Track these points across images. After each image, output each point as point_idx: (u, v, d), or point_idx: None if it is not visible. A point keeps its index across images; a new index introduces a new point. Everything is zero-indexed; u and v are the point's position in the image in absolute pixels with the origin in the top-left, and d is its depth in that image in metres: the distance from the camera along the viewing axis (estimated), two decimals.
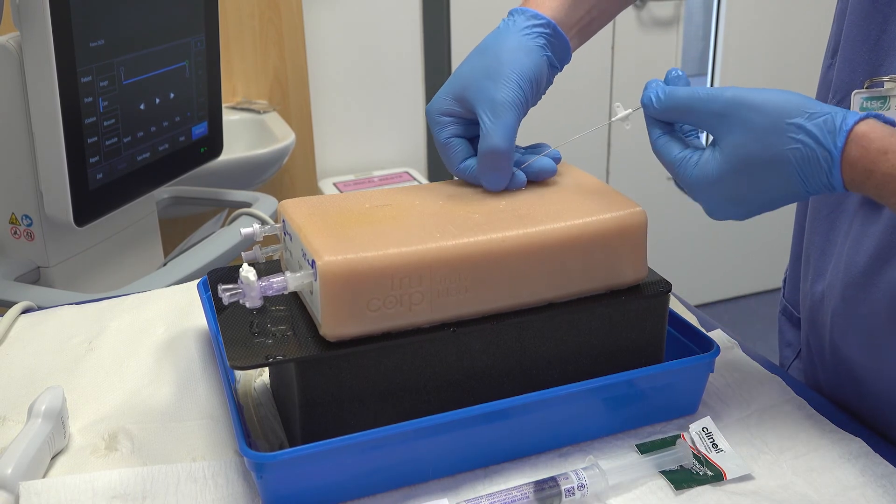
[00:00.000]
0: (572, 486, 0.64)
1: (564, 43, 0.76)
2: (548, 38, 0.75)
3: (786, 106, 0.61)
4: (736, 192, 0.64)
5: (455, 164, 0.75)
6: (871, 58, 0.71)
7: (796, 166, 0.61)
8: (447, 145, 0.75)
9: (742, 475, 0.67)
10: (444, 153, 0.76)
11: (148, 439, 0.71)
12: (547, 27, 0.75)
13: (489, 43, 0.75)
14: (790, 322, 0.93)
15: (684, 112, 0.66)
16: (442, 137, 0.75)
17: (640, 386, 0.71)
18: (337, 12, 2.21)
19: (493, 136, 0.71)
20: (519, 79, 0.72)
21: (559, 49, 0.76)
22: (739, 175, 0.63)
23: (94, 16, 1.13)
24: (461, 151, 0.75)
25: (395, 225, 0.67)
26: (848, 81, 0.73)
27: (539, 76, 0.74)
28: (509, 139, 0.71)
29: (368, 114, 2.35)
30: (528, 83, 0.73)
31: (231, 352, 0.63)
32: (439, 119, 0.75)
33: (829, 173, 0.60)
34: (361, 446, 0.62)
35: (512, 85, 0.72)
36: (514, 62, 0.73)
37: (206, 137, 1.46)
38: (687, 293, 1.14)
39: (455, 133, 0.75)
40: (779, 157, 0.61)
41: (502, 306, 0.67)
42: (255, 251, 0.74)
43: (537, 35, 0.74)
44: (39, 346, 0.87)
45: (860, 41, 0.72)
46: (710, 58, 2.78)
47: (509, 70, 0.72)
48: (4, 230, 1.25)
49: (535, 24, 0.75)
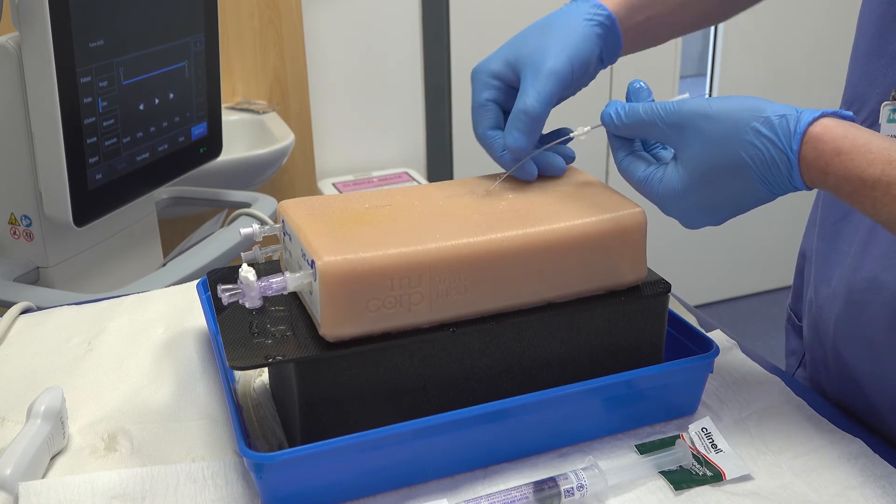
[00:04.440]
0: (572, 487, 0.64)
1: (617, 39, 0.77)
2: (605, 29, 0.76)
3: (741, 112, 0.62)
4: (703, 201, 0.65)
5: (483, 129, 0.76)
6: (890, 71, 0.71)
7: (756, 171, 0.61)
8: (483, 107, 0.75)
9: (741, 475, 0.67)
10: (476, 115, 0.76)
11: (147, 440, 0.71)
12: (607, 19, 0.76)
13: (551, 20, 0.76)
14: (795, 331, 0.93)
15: (644, 128, 0.67)
16: (481, 98, 0.76)
17: (640, 386, 0.71)
18: (336, 12, 2.21)
19: (530, 97, 0.71)
20: (570, 57, 0.73)
21: (611, 44, 0.77)
22: (703, 185, 0.64)
23: (93, 16, 1.13)
24: (492, 117, 0.75)
25: (394, 225, 0.67)
26: (864, 94, 0.74)
27: (589, 62, 0.75)
28: (545, 104, 0.72)
29: (368, 114, 2.35)
30: (580, 64, 0.73)
31: (230, 352, 0.63)
32: (485, 80, 0.76)
33: (789, 176, 0.60)
34: (361, 447, 0.62)
35: (562, 57, 0.72)
36: (569, 40, 0.73)
37: (205, 138, 1.46)
38: (686, 293, 1.14)
39: (494, 97, 0.76)
40: (738, 163, 0.62)
41: (502, 306, 0.67)
42: (254, 251, 0.74)
43: (596, 24, 0.75)
44: (39, 346, 0.87)
45: (878, 55, 0.73)
46: (709, 57, 2.78)
47: (563, 44, 0.73)
48: (4, 230, 1.25)
49: (597, 13, 0.76)
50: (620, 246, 0.69)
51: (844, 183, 0.58)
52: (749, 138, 0.61)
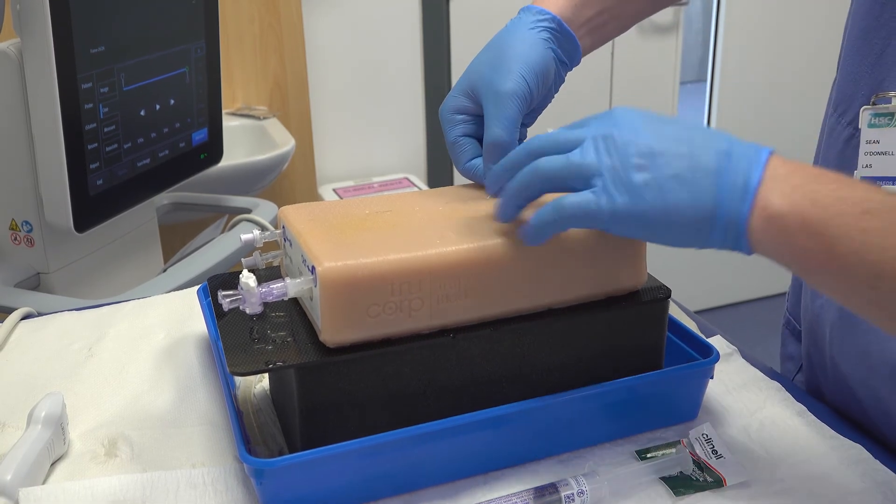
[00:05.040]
0: (572, 493, 0.64)
1: (571, 39, 0.77)
2: (552, 32, 0.76)
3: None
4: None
5: (462, 163, 0.76)
6: (874, 72, 0.71)
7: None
8: (455, 144, 0.76)
9: (742, 481, 0.67)
10: (452, 152, 0.76)
11: (147, 445, 0.71)
12: (552, 22, 0.76)
13: (497, 39, 0.76)
14: (792, 335, 0.93)
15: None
16: (451, 137, 0.76)
17: (640, 392, 0.71)
18: (337, 18, 2.22)
19: (495, 127, 0.71)
20: (521, 69, 0.72)
21: (566, 45, 0.77)
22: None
23: (94, 22, 1.13)
24: (469, 151, 0.76)
25: (394, 231, 0.67)
26: (850, 95, 0.73)
27: (544, 69, 0.74)
28: (511, 130, 0.71)
29: (368, 119, 2.36)
30: (532, 74, 0.73)
31: (231, 358, 0.63)
32: (451, 117, 0.76)
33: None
34: (361, 452, 0.62)
35: (514, 75, 0.72)
36: (517, 54, 0.73)
37: (206, 143, 1.46)
38: (687, 299, 1.14)
39: (464, 132, 0.76)
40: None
41: (502, 312, 0.67)
42: (254, 257, 0.74)
43: (542, 29, 0.75)
44: (39, 352, 0.87)
45: (862, 55, 0.72)
46: (709, 63, 2.79)
47: (513, 61, 0.73)
48: (4, 236, 1.25)
49: (539, 19, 0.76)
50: (620, 251, 0.69)
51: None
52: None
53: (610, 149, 0.58)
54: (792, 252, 0.55)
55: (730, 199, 0.55)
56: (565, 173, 0.60)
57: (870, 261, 0.51)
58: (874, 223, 0.51)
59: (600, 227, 0.59)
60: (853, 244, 0.52)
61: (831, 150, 0.75)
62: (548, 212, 0.60)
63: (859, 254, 0.52)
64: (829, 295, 0.57)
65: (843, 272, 0.53)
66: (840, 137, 0.74)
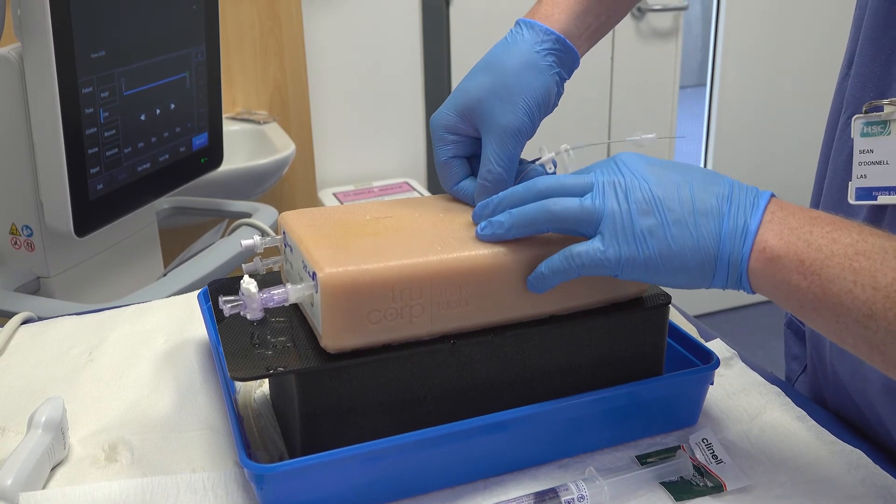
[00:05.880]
0: (572, 498, 0.64)
1: (573, 55, 0.75)
2: (557, 54, 0.73)
3: None
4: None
5: (451, 185, 0.75)
6: (883, 75, 0.70)
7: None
8: (446, 165, 0.75)
9: (742, 486, 0.67)
10: (441, 172, 0.76)
11: (148, 450, 0.71)
12: (557, 43, 0.73)
13: (497, 57, 0.73)
14: (796, 336, 0.92)
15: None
16: (442, 157, 0.75)
17: (641, 398, 0.71)
18: (337, 22, 2.22)
19: (496, 165, 0.71)
20: (527, 105, 0.71)
21: (568, 62, 0.75)
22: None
23: (95, 27, 1.13)
24: (459, 173, 0.75)
25: (395, 237, 0.67)
26: (859, 97, 0.73)
27: (548, 98, 0.73)
28: (511, 169, 0.71)
29: (368, 124, 2.36)
30: (537, 108, 0.72)
31: (231, 363, 0.63)
32: (442, 135, 0.74)
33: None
34: (361, 458, 0.62)
35: (520, 112, 0.71)
36: (523, 84, 0.71)
37: (206, 148, 1.46)
38: (686, 304, 1.14)
39: (455, 153, 0.75)
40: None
41: (503, 319, 0.67)
42: (255, 262, 0.74)
43: (547, 53, 0.73)
44: (39, 356, 0.87)
45: (872, 57, 0.71)
46: (709, 68, 2.79)
47: (519, 93, 0.71)
48: (5, 240, 1.25)
49: (544, 40, 0.73)
50: None
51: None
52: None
53: (619, 196, 0.61)
54: (788, 291, 0.57)
55: (731, 243, 0.58)
56: (577, 216, 0.62)
57: (862, 300, 0.53)
58: (866, 264, 0.54)
59: (609, 274, 0.62)
60: (846, 284, 0.54)
61: (841, 153, 0.75)
62: (559, 261, 0.63)
63: (852, 293, 0.54)
64: (826, 335, 0.58)
65: (836, 311, 0.55)
66: (850, 141, 0.73)
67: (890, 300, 0.52)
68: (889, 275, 0.53)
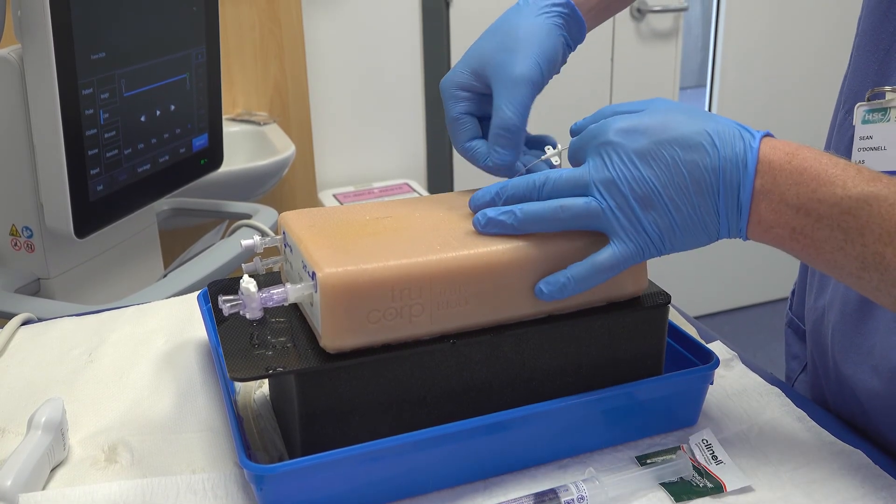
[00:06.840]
0: (572, 499, 0.64)
1: (580, 23, 0.77)
2: (565, 17, 0.75)
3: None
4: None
5: (462, 142, 0.75)
6: (881, 68, 0.71)
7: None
8: (457, 121, 0.75)
9: (742, 487, 0.67)
10: (452, 129, 0.76)
11: (148, 451, 0.71)
12: (566, 7, 0.75)
13: (507, 20, 0.75)
14: (796, 335, 0.93)
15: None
16: (454, 112, 0.75)
17: (640, 398, 0.71)
18: (337, 24, 2.22)
19: (507, 111, 0.71)
20: (537, 55, 0.72)
21: (574, 29, 0.77)
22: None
23: (95, 28, 1.13)
24: (470, 130, 0.75)
25: (395, 237, 0.67)
26: (857, 90, 0.73)
27: (556, 57, 0.74)
28: (522, 116, 0.71)
29: (368, 125, 2.36)
30: (546, 62, 0.73)
31: (231, 363, 0.63)
32: (455, 93, 0.75)
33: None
34: (361, 458, 0.62)
35: (529, 61, 0.72)
36: (532, 41, 0.73)
37: (206, 149, 1.46)
38: (687, 304, 1.14)
39: (467, 110, 0.75)
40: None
41: (502, 318, 0.67)
42: (255, 263, 0.74)
43: (555, 14, 0.75)
44: (39, 357, 0.87)
45: (871, 50, 0.72)
46: (709, 69, 2.79)
47: (527, 47, 0.72)
48: (5, 242, 1.25)
49: (553, 3, 0.75)
50: None
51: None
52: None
53: (620, 195, 0.63)
54: (786, 250, 0.62)
55: (728, 218, 0.62)
56: (585, 221, 0.64)
57: (853, 255, 0.58)
58: (853, 223, 0.57)
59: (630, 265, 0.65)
60: (837, 243, 0.58)
61: (840, 146, 0.76)
62: (585, 270, 0.64)
63: (843, 250, 0.58)
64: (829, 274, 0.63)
65: (831, 267, 0.60)
66: (847, 134, 0.74)
67: (878, 255, 0.57)
68: (875, 230, 0.56)
